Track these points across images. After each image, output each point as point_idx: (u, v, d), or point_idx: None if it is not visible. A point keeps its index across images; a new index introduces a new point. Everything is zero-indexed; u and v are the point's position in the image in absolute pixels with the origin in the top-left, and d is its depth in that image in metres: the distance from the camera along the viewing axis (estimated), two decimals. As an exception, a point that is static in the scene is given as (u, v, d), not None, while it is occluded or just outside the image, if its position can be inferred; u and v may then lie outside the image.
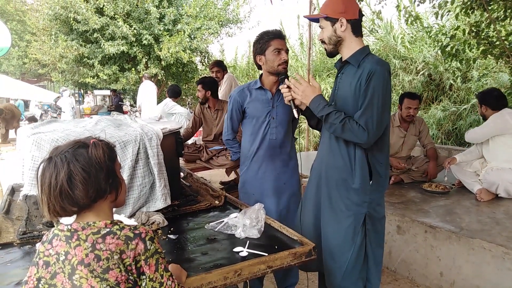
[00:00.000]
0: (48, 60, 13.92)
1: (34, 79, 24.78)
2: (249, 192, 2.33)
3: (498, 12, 4.23)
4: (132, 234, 1.07)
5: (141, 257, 1.06)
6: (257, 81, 2.28)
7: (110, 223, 1.09)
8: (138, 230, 1.09)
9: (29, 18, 16.28)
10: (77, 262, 1.04)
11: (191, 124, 4.42)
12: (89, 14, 10.59)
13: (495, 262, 2.38)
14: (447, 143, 6.67)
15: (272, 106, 2.23)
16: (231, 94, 2.35)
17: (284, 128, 2.25)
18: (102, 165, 1.08)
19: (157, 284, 1.08)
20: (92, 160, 1.07)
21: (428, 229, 2.75)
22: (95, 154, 1.08)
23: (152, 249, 1.08)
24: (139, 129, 1.98)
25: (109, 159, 1.11)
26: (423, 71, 7.89)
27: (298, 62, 11.29)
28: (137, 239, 1.07)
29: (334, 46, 1.80)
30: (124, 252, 1.05)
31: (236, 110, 2.31)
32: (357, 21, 1.76)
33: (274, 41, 2.15)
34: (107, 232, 1.06)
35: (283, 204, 2.28)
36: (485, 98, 3.39)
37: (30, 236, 1.68)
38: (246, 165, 2.35)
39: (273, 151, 2.26)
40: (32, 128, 1.96)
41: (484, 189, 3.26)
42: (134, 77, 11.79)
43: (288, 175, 2.30)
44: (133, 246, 1.06)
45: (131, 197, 1.88)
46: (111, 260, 1.03)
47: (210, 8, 11.94)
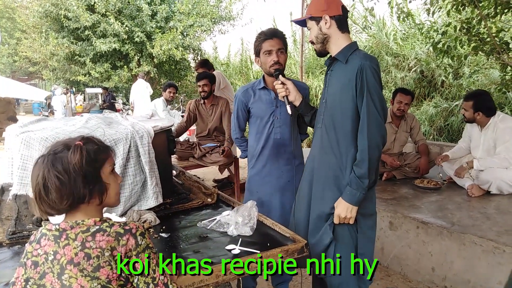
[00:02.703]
0: (38, 58, 13.79)
1: (25, 77, 24.53)
2: (253, 190, 2.34)
3: (489, 9, 4.25)
4: (123, 230, 1.07)
5: (132, 253, 1.06)
6: (260, 81, 2.28)
7: (99, 221, 1.08)
8: (128, 226, 1.08)
9: (19, 15, 16.10)
10: (66, 262, 1.03)
11: (185, 119, 4.40)
12: (80, 11, 10.48)
13: (485, 256, 2.41)
14: (439, 139, 6.73)
15: (276, 106, 2.23)
16: (236, 94, 2.36)
17: (288, 127, 2.25)
18: (79, 172, 1.05)
19: (149, 279, 1.07)
20: (69, 166, 1.04)
21: (420, 225, 2.77)
22: (72, 160, 1.05)
23: (143, 244, 1.08)
24: (130, 127, 1.96)
25: (90, 164, 1.08)
26: (415, 68, 7.94)
27: (291, 60, 11.28)
28: (128, 234, 1.06)
29: (322, 44, 1.81)
30: (115, 248, 1.04)
31: (242, 110, 2.32)
32: (341, 17, 1.78)
33: (265, 43, 2.14)
34: (96, 229, 1.06)
35: (287, 202, 2.28)
36: (481, 106, 3.27)
37: (20, 236, 1.66)
38: (252, 164, 2.37)
39: (277, 150, 2.27)
40: (21, 126, 1.93)
41: (475, 184, 3.29)
42: (126, 75, 11.71)
43: (292, 173, 2.31)
44: (124, 242, 1.05)
45: (122, 196, 1.86)
46: (101, 257, 1.03)
47: (203, 5, 11.88)
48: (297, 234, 1.66)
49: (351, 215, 1.74)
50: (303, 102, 2.04)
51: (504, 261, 2.32)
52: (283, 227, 1.70)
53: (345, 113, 1.74)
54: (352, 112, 1.72)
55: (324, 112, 1.85)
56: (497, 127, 3.24)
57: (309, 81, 9.17)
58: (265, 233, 1.70)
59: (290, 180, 2.30)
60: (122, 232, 1.06)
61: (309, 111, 2.05)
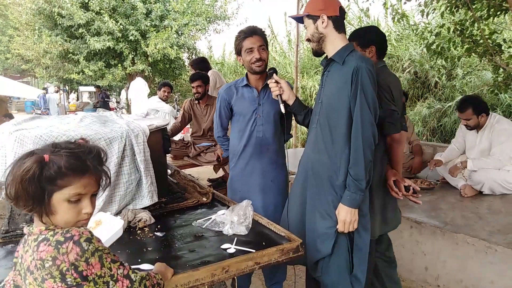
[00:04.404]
0: (31, 55, 13.64)
1: (17, 75, 24.28)
2: (236, 189, 2.33)
3: (482, 11, 4.29)
4: (63, 238, 0.98)
5: (80, 261, 0.97)
6: (243, 79, 2.27)
7: (45, 230, 1.01)
8: (70, 233, 0.99)
9: (12, 12, 15.92)
10: (26, 268, 1.01)
11: (180, 119, 4.39)
12: (74, 9, 10.39)
13: (478, 256, 2.43)
14: (432, 140, 6.78)
15: (258, 103, 2.22)
16: (219, 91, 2.35)
17: (271, 126, 2.24)
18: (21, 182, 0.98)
19: (108, 278, 1.02)
20: (18, 172, 0.98)
21: (414, 225, 2.79)
22: (20, 168, 0.99)
23: (91, 249, 0.99)
24: (125, 125, 1.95)
25: (33, 182, 0.98)
26: (409, 69, 7.98)
27: (286, 59, 11.30)
28: (68, 242, 0.97)
29: (318, 43, 1.82)
30: (56, 258, 0.96)
31: (224, 108, 2.31)
32: (339, 18, 1.79)
33: (245, 41, 2.14)
34: (42, 239, 1.00)
35: (270, 201, 2.28)
36: (480, 108, 3.26)
37: (13, 234, 1.64)
38: (233, 162, 2.35)
39: (260, 149, 2.25)
40: (15, 124, 1.91)
41: (468, 185, 3.32)
42: (120, 73, 11.63)
43: (275, 172, 2.30)
44: (64, 250, 0.96)
45: (117, 195, 1.86)
46: (42, 270, 0.97)
47: (198, 4, 11.83)
48: (292, 233, 1.66)
49: (355, 218, 1.75)
50: (296, 101, 2.04)
51: (496, 260, 2.34)
52: (279, 226, 1.70)
53: (341, 114, 1.75)
54: (347, 113, 1.73)
55: (319, 113, 1.86)
56: (494, 129, 3.27)
57: (304, 81, 9.19)
58: (260, 232, 1.70)
59: (273, 180, 2.29)
60: (62, 240, 0.98)
61: (302, 110, 2.05)
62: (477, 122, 3.31)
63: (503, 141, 3.21)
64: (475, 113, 3.27)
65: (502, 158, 3.19)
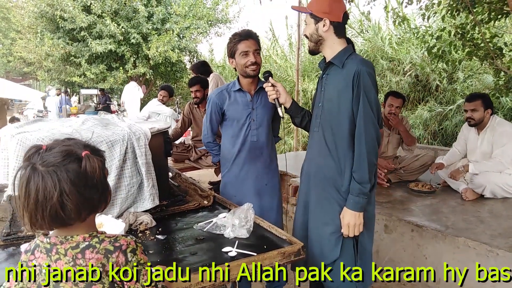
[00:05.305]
0: (33, 58, 13.69)
1: (19, 78, 24.37)
2: (231, 194, 2.30)
3: (483, 14, 4.30)
4: (112, 247, 1.01)
5: (121, 269, 1.01)
6: (235, 83, 2.24)
7: (88, 236, 1.02)
8: (118, 242, 1.02)
9: (14, 15, 15.99)
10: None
11: (180, 124, 4.40)
12: (76, 12, 10.45)
13: (479, 260, 2.42)
14: (433, 143, 6.77)
15: (252, 108, 2.21)
16: (209, 96, 2.31)
17: (264, 130, 2.24)
18: (97, 183, 1.00)
19: (140, 286, 1.04)
20: (86, 178, 0.98)
21: (415, 228, 2.78)
22: (90, 171, 0.98)
23: (134, 261, 1.02)
24: (127, 128, 1.96)
25: (103, 175, 1.03)
26: (410, 72, 7.99)
27: (287, 62, 11.31)
28: (117, 251, 1.01)
29: (315, 44, 1.82)
30: (105, 265, 1.00)
31: (216, 113, 2.26)
32: (341, 24, 1.78)
33: (241, 44, 2.12)
34: (86, 246, 1.01)
35: (265, 205, 2.27)
36: (489, 103, 3.31)
37: (15, 237, 1.64)
38: (227, 167, 2.32)
39: (254, 153, 2.24)
40: (17, 127, 1.92)
41: (470, 188, 3.32)
42: (122, 76, 11.68)
43: (269, 176, 2.30)
44: (113, 259, 1.00)
45: (118, 197, 1.86)
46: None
47: (199, 7, 11.90)
48: (293, 237, 1.66)
49: (359, 221, 1.74)
50: (293, 104, 2.03)
51: (497, 264, 2.33)
52: (280, 230, 1.70)
53: (343, 117, 1.75)
54: (349, 117, 1.73)
55: (321, 116, 1.86)
56: (495, 131, 3.27)
57: (304, 84, 9.20)
58: (261, 236, 1.70)
59: (267, 183, 2.29)
60: (112, 250, 1.01)
61: (299, 112, 2.03)
62: (482, 117, 3.32)
63: (505, 143, 3.21)
64: (483, 105, 3.30)
65: (504, 161, 3.19)
